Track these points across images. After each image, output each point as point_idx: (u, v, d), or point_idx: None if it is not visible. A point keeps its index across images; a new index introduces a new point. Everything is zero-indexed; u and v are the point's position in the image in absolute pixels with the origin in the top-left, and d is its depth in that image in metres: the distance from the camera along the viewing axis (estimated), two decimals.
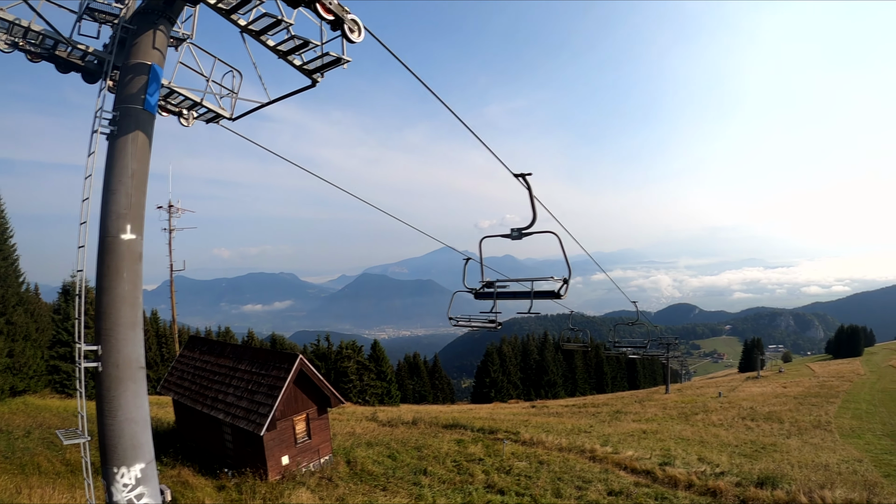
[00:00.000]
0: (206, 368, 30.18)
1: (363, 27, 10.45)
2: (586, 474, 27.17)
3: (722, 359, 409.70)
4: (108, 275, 9.90)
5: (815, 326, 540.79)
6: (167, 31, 10.89)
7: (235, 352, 29.85)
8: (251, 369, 27.20)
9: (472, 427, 43.16)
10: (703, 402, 71.11)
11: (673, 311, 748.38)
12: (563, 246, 13.29)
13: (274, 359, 27.01)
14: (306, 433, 27.62)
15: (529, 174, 12.86)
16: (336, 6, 9.87)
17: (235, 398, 26.51)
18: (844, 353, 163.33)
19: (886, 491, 23.55)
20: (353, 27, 10.29)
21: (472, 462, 29.82)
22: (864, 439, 43.40)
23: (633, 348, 62.12)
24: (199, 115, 13.54)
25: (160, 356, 70.94)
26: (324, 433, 28.88)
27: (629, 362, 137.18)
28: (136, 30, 10.50)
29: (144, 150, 10.40)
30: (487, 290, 15.35)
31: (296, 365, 25.75)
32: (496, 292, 15.21)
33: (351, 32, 10.27)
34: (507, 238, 13.45)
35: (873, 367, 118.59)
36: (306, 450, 27.45)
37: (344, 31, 10.22)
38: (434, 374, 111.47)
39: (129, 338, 10.05)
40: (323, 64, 11.23)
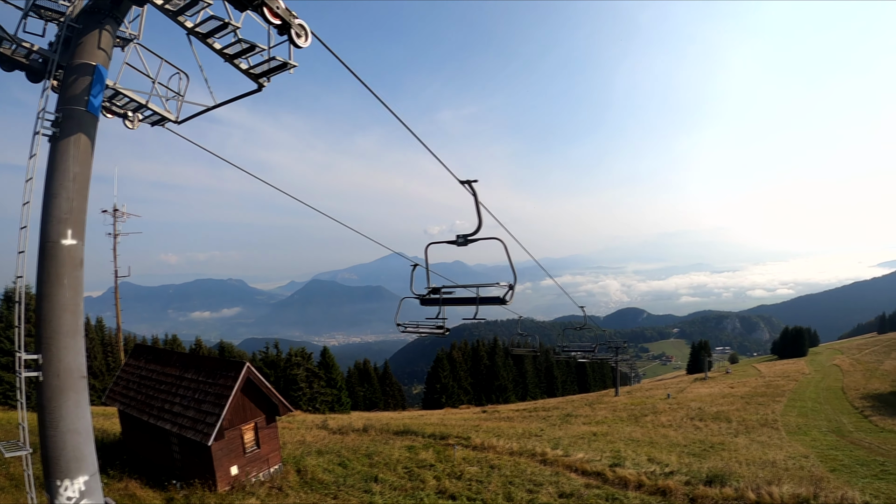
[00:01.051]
0: (152, 378, 29.58)
1: (310, 32, 10.47)
2: (537, 477, 27.44)
3: (670, 361, 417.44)
4: (49, 281, 9.71)
5: (760, 328, 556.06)
6: (113, 30, 10.72)
7: (182, 360, 29.33)
8: (198, 378, 26.76)
9: (424, 433, 43.16)
10: (653, 403, 72.43)
11: (622, 315, 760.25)
12: (508, 252, 13.48)
13: (221, 367, 26.61)
14: (255, 442, 27.22)
15: (475, 181, 12.98)
16: (283, 11, 9.87)
17: (182, 408, 26.02)
18: (789, 354, 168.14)
19: (832, 485, 24.40)
20: (300, 32, 10.30)
21: (423, 468, 29.82)
22: (810, 436, 44.91)
23: (582, 352, 62.90)
24: (145, 117, 13.32)
25: (106, 365, 69.20)
26: (273, 442, 28.49)
27: (579, 366, 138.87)
28: (81, 29, 10.31)
29: (87, 153, 10.21)
30: (433, 297, 15.40)
31: (243, 373, 25.42)
32: (442, 298, 15.26)
33: (298, 37, 10.28)
34: (454, 244, 13.59)
35: (818, 367, 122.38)
36: (255, 459, 27.05)
37: (291, 35, 10.22)
38: (385, 381, 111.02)
39: (70, 346, 9.86)
40: (269, 68, 11.17)
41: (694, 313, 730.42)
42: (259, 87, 11.67)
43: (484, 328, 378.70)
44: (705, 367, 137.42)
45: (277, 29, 10.14)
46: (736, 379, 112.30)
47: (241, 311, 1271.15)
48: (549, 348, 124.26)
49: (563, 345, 62.02)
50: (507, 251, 13.54)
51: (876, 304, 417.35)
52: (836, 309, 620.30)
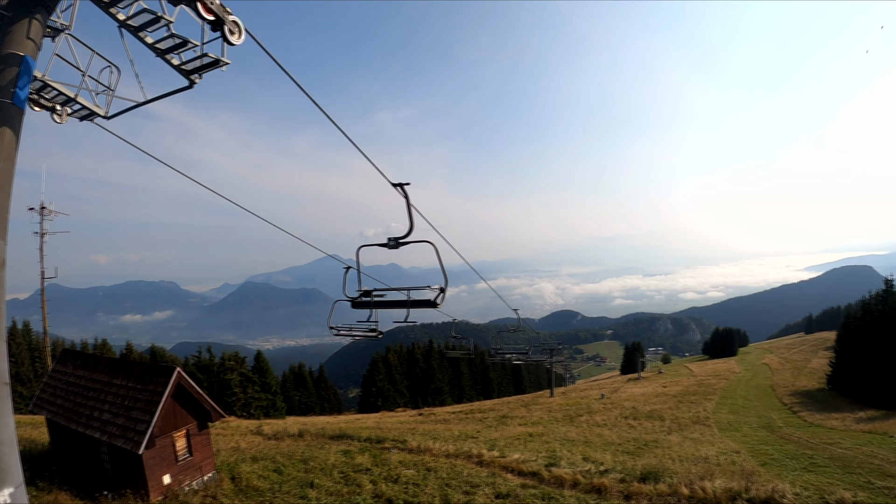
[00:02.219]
0: (80, 384, 28.39)
1: (244, 29, 10.09)
2: (474, 479, 27.34)
3: (604, 362, 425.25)
4: None
5: (692, 329, 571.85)
6: (44, 20, 10.05)
7: (111, 366, 28.25)
8: (128, 384, 25.82)
9: (360, 437, 42.72)
10: (587, 403, 73.39)
11: (556, 318, 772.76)
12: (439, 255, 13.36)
13: (151, 372, 25.75)
14: (187, 450, 26.46)
15: (407, 184, 12.81)
16: (217, 6, 9.51)
17: (112, 415, 25.07)
18: (720, 354, 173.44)
19: (763, 478, 24.95)
20: (233, 29, 9.91)
21: (359, 472, 29.45)
22: (741, 432, 46.18)
23: (517, 354, 63.26)
24: (74, 111, 12.61)
25: (33, 371, 66.57)
26: (206, 449, 27.79)
27: (514, 368, 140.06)
28: (11, 17, 9.64)
29: (11, 147, 9.56)
30: (365, 300, 15.23)
31: (173, 378, 24.66)
32: (373, 301, 15.14)
33: (231, 34, 9.89)
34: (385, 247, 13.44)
35: (748, 366, 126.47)
36: (188, 467, 26.30)
37: (224, 32, 9.83)
38: (320, 385, 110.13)
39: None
40: (202, 65, 10.75)
41: (627, 315, 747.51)
42: (190, 84, 11.21)
43: (419, 331, 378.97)
44: (638, 367, 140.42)
45: (211, 25, 9.74)
46: (668, 378, 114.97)
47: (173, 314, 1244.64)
48: (484, 351, 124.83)
49: (497, 347, 62.23)
50: (438, 254, 13.40)
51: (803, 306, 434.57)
52: (765, 310, 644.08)
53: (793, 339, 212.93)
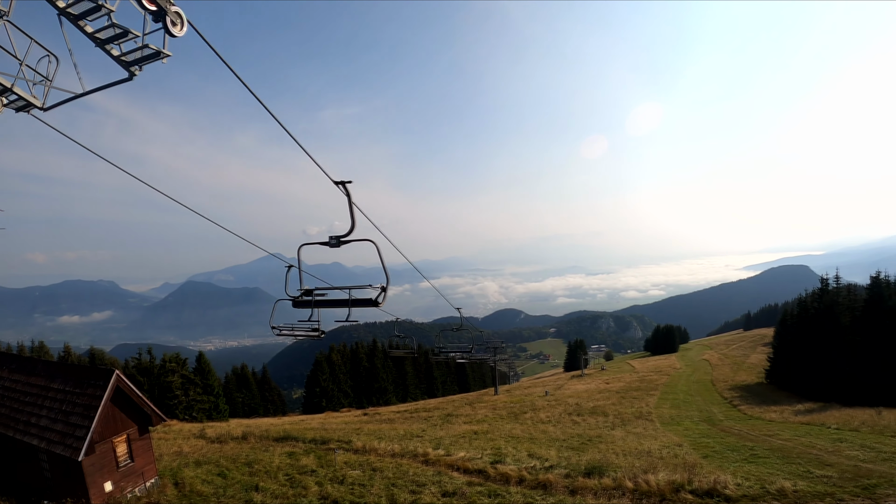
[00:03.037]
0: (16, 389, 27.28)
1: (187, 21, 9.70)
2: (420, 478, 27.25)
3: (548, 360, 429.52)
4: None
5: (633, 327, 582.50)
6: None
7: (48, 369, 27.22)
8: (65, 388, 24.94)
9: (304, 438, 42.24)
10: (532, 401, 73.90)
11: (500, 316, 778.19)
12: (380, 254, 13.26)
13: (89, 376, 24.94)
14: (128, 455, 25.87)
15: (349, 182, 12.63)
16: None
17: (50, 421, 24.21)
18: (661, 350, 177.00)
19: (706, 470, 25.43)
20: (176, 20, 9.53)
21: (304, 474, 29.12)
22: (683, 426, 47.06)
23: (461, 353, 63.39)
24: (9, 101, 11.96)
25: None
26: (147, 454, 27.21)
27: (458, 366, 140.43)
28: None
29: None
30: (306, 299, 15.01)
31: (112, 382, 23.94)
32: (314, 300, 14.91)
33: (173, 26, 9.51)
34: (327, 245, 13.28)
35: (688, 362, 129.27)
36: (130, 473, 25.71)
37: (166, 23, 9.44)
38: (264, 386, 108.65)
39: None
40: (142, 56, 10.34)
41: (570, 314, 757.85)
42: (130, 76, 10.77)
43: (363, 330, 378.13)
44: (582, 364, 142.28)
45: (153, 15, 9.33)
46: (611, 375, 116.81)
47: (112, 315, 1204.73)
48: (428, 349, 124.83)
49: (441, 346, 62.22)
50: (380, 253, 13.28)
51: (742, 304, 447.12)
52: (704, 308, 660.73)
53: (732, 335, 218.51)
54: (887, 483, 20.93)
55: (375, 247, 13.18)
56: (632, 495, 22.07)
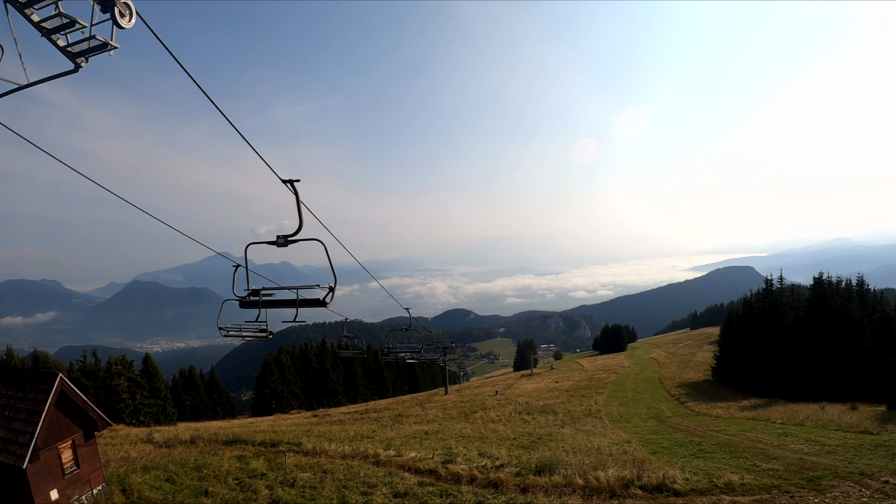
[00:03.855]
0: None
1: (135, 12, 9.36)
2: (371, 479, 27.06)
3: (498, 359, 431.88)
4: None
5: (582, 326, 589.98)
6: None
7: None
8: (7, 393, 24.04)
9: (254, 441, 41.70)
10: (482, 400, 74.16)
11: (449, 316, 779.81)
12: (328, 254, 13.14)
13: (32, 380, 24.10)
14: (74, 462, 25.08)
15: (297, 180, 12.45)
16: None
17: None
18: (610, 349, 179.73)
19: (654, 465, 25.80)
20: (124, 11, 9.17)
21: (254, 478, 28.68)
22: (632, 423, 47.72)
23: (410, 353, 63.33)
24: None
25: None
26: (94, 460, 26.48)
27: (408, 367, 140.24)
28: None
29: None
30: (253, 299, 14.80)
31: (56, 385, 23.20)
32: (261, 301, 14.75)
33: (121, 17, 9.15)
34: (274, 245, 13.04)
35: (636, 360, 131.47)
36: (76, 480, 24.94)
37: (114, 14, 9.09)
38: (212, 388, 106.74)
39: None
40: (89, 48, 9.96)
41: (519, 313, 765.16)
42: (76, 68, 10.37)
43: (312, 330, 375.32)
44: (531, 363, 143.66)
45: (101, 5, 8.98)
46: (560, 374, 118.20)
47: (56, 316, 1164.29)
48: (377, 350, 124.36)
49: (390, 346, 62.05)
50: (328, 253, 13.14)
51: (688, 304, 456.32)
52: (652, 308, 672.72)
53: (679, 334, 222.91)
54: (831, 475, 21.48)
55: (323, 246, 13.03)
56: (582, 492, 22.22)
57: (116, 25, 9.24)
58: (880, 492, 18.77)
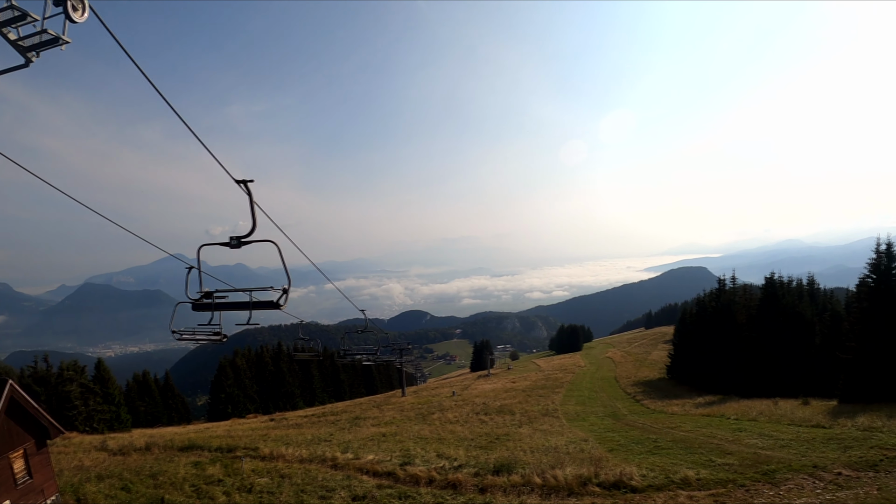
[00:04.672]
0: None
1: (88, 6, 9.06)
2: (329, 483, 26.85)
3: (454, 360, 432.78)
4: None
5: (538, 327, 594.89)
6: None
7: None
8: None
9: (210, 447, 41.02)
10: (439, 401, 74.20)
11: (406, 318, 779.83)
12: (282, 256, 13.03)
13: None
14: (26, 472, 24.30)
15: (251, 181, 12.27)
16: None
17: None
18: (566, 349, 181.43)
19: (611, 463, 26.05)
20: (76, 5, 8.87)
21: (211, 484, 28.20)
22: (589, 421, 48.13)
23: (367, 355, 63.05)
24: None
25: None
26: (47, 470, 25.70)
27: (365, 369, 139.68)
28: None
29: None
30: (206, 301, 14.54)
31: (6, 392, 22.48)
32: (214, 303, 14.50)
33: (74, 11, 8.85)
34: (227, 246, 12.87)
35: (592, 360, 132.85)
36: (29, 491, 24.14)
37: (67, 8, 8.81)
38: (167, 393, 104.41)
39: None
40: (40, 42, 9.62)
41: (475, 314, 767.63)
42: (26, 63, 10.01)
43: (268, 333, 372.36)
44: (488, 364, 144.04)
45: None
46: (517, 374, 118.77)
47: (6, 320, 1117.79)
48: (333, 352, 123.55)
49: (346, 348, 61.70)
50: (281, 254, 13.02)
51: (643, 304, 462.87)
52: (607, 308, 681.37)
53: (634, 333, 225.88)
54: (785, 468, 21.93)
55: (277, 248, 12.89)
56: (540, 491, 22.32)
57: (69, 19, 8.97)
58: (833, 483, 19.22)
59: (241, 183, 12.26)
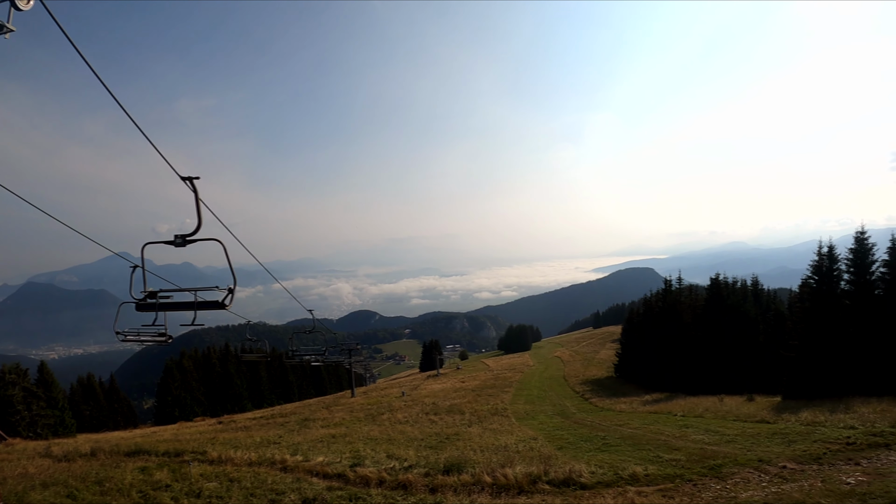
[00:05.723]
0: None
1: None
2: (279, 486, 26.46)
3: (404, 360, 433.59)
4: None
5: (487, 327, 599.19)
6: None
7: None
8: None
9: (157, 451, 40.05)
10: (389, 402, 74.03)
11: (355, 318, 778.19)
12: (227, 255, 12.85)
13: None
14: None
15: (196, 178, 12.06)
16: None
17: None
18: (515, 349, 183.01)
19: (561, 461, 26.20)
20: None
21: (159, 490, 27.50)
22: (538, 420, 48.49)
23: (315, 355, 62.57)
24: None
25: None
26: None
27: (314, 369, 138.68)
28: None
29: None
30: (150, 301, 14.21)
31: None
32: (158, 303, 14.24)
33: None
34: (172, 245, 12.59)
35: (541, 359, 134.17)
36: None
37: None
38: (112, 397, 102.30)
39: None
40: None
41: (424, 314, 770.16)
42: None
43: (215, 334, 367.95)
44: (437, 364, 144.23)
45: None
46: (466, 374, 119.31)
47: None
48: (282, 353, 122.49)
49: (294, 349, 61.18)
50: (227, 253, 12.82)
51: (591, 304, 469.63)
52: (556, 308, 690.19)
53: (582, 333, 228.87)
54: (732, 462, 22.34)
55: (222, 247, 12.67)
56: (491, 489, 22.32)
57: (14, 7, 8.63)
58: (778, 476, 19.63)
59: (186, 180, 12.02)
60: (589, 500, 19.44)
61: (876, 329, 44.12)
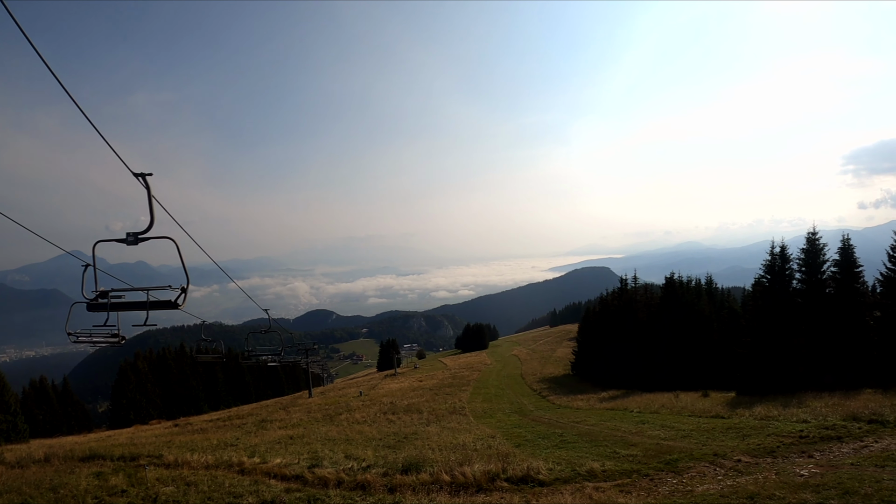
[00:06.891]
0: None
1: None
2: (236, 489, 26.13)
3: (361, 360, 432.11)
4: None
5: (444, 326, 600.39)
6: None
7: None
8: None
9: (112, 456, 39.22)
10: (346, 402, 73.66)
11: (312, 317, 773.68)
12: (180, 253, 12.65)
13: None
14: None
15: (149, 174, 11.81)
16: None
17: None
18: (472, 347, 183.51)
19: (519, 458, 26.30)
20: None
21: (114, 495, 26.93)
22: (496, 418, 48.64)
23: (271, 356, 61.99)
24: None
25: None
26: None
27: (271, 370, 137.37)
28: None
29: None
30: (102, 301, 13.88)
31: None
32: (110, 303, 13.84)
33: None
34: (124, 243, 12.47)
35: (498, 357, 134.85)
36: None
37: None
38: (66, 400, 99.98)
39: None
40: None
41: (382, 314, 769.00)
42: None
43: (170, 334, 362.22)
44: (395, 363, 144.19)
45: None
46: (424, 373, 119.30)
47: None
48: (238, 353, 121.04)
49: (250, 349, 60.54)
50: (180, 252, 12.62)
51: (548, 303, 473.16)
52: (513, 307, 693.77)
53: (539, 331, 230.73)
54: (687, 457, 22.68)
55: (175, 245, 12.46)
56: (449, 488, 22.32)
57: None
58: (733, 469, 19.99)
59: (138, 176, 11.77)
60: (547, 496, 19.52)
61: (827, 327, 45.39)
